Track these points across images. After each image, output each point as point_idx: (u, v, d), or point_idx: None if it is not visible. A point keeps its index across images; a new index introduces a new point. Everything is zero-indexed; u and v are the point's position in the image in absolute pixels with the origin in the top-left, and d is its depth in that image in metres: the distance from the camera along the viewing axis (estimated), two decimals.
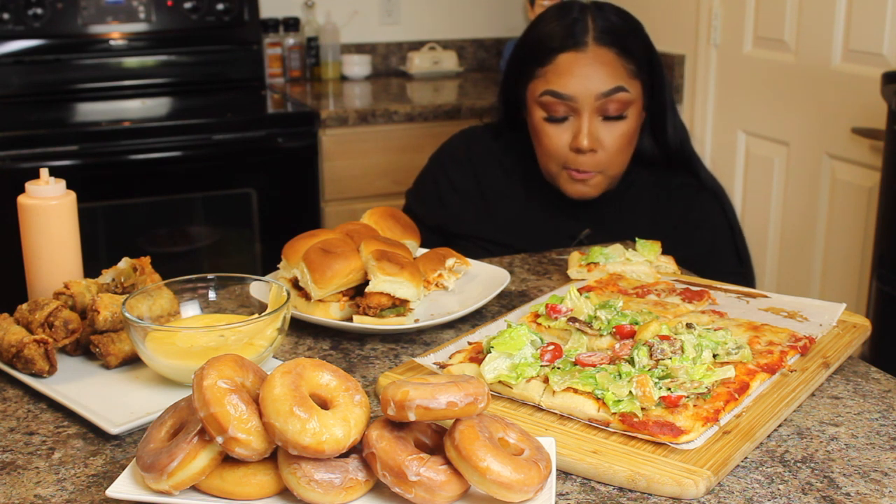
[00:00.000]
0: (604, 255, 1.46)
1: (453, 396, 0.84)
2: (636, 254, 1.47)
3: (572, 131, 1.69)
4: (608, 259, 1.46)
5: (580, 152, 1.68)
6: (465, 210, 1.84)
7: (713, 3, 2.97)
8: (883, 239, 2.14)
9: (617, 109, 1.67)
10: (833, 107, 2.56)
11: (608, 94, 1.66)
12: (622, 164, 1.75)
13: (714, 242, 1.82)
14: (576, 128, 1.68)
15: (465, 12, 3.87)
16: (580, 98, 1.66)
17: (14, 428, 1.05)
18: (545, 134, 1.71)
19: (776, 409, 1.04)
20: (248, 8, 3.38)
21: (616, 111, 1.67)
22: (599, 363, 1.07)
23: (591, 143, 1.67)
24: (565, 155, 1.71)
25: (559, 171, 1.74)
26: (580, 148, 1.67)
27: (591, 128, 1.67)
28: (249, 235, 3.03)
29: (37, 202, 1.28)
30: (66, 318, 1.17)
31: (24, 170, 2.63)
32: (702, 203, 1.82)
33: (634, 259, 1.46)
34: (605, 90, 1.66)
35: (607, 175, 1.73)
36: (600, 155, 1.69)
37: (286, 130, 3.01)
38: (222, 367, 0.87)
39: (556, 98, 1.67)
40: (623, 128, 1.69)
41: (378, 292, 1.26)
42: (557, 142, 1.70)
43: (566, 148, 1.70)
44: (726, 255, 1.84)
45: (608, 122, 1.68)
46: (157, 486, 0.86)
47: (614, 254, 1.47)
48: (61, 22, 3.19)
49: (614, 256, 1.46)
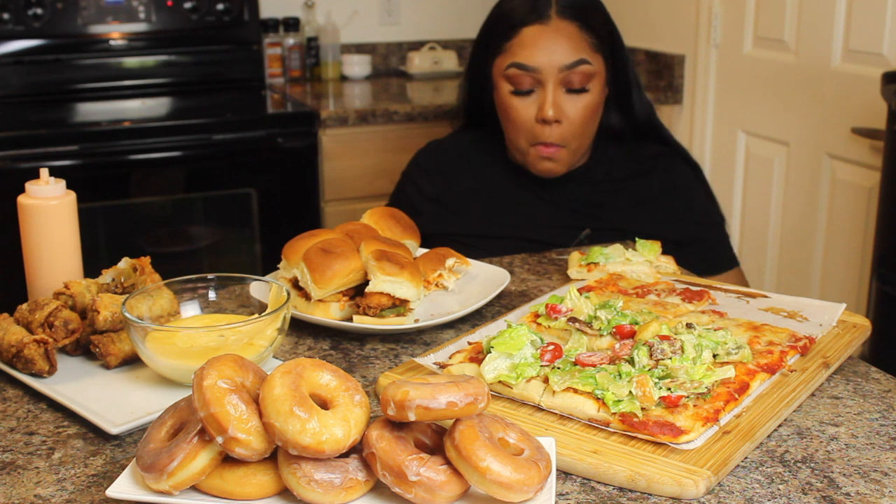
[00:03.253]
0: (604, 255, 1.47)
1: (453, 396, 0.84)
2: (636, 254, 1.48)
3: (538, 103, 1.74)
4: (608, 259, 1.46)
5: (545, 123, 1.73)
6: (443, 216, 1.86)
7: (713, 3, 2.97)
8: (883, 239, 2.14)
9: (580, 81, 1.73)
10: (833, 107, 2.56)
11: (571, 67, 1.72)
12: (585, 136, 1.79)
13: (693, 201, 1.87)
14: (541, 99, 1.74)
15: (465, 12, 3.87)
16: (544, 69, 1.72)
17: (14, 428, 1.05)
18: (512, 107, 1.76)
19: (776, 409, 1.04)
20: (248, 8, 3.38)
21: (579, 83, 1.73)
22: (599, 363, 1.07)
23: (556, 113, 1.72)
24: (531, 128, 1.75)
25: (527, 148, 1.78)
26: (545, 118, 1.72)
27: (556, 98, 1.73)
28: (249, 235, 3.03)
29: (37, 202, 1.28)
30: (66, 318, 1.17)
31: (24, 170, 2.63)
32: (676, 167, 1.88)
33: (634, 259, 1.46)
34: (568, 62, 1.72)
35: (570, 149, 1.77)
36: (564, 126, 1.74)
37: (286, 130, 3.01)
38: (222, 367, 0.87)
39: (522, 70, 1.73)
40: (586, 100, 1.75)
41: (378, 292, 1.26)
42: (524, 114, 1.75)
43: (532, 121, 1.75)
44: (709, 213, 1.89)
45: (572, 94, 1.74)
46: (157, 486, 0.86)
47: (614, 254, 1.47)
48: (61, 22, 3.19)
49: (614, 256, 1.47)
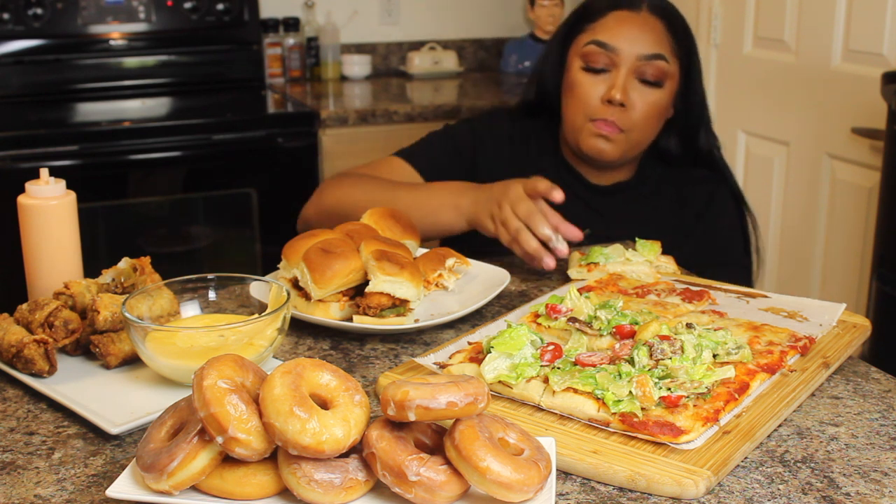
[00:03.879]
0: (604, 255, 1.47)
1: (453, 396, 0.84)
2: (636, 254, 1.48)
3: (607, 85, 1.73)
4: (608, 259, 1.46)
5: (611, 104, 1.72)
6: None
7: (713, 3, 2.97)
8: (883, 239, 2.14)
9: (654, 75, 1.72)
10: (833, 107, 2.56)
11: (650, 58, 1.71)
12: (645, 133, 1.77)
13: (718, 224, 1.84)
14: (612, 80, 1.72)
15: (465, 12, 3.87)
16: (623, 52, 1.71)
17: (14, 428, 1.05)
18: (579, 83, 1.75)
19: (776, 409, 1.04)
20: (248, 8, 3.38)
21: (653, 76, 1.72)
22: (599, 363, 1.07)
23: (623, 96, 1.71)
24: (595, 106, 1.74)
25: (584, 123, 1.76)
26: (612, 99, 1.71)
27: (627, 84, 1.71)
28: (249, 235, 3.03)
29: (37, 202, 1.28)
30: (66, 318, 1.17)
31: (24, 170, 2.63)
32: (723, 194, 1.86)
33: (634, 259, 1.46)
34: (647, 53, 1.71)
35: (629, 138, 1.75)
36: (629, 113, 1.72)
37: (286, 130, 3.01)
38: (222, 367, 0.87)
39: (600, 47, 1.72)
40: (656, 96, 1.74)
41: (378, 292, 1.26)
42: (591, 90, 1.74)
43: (597, 99, 1.73)
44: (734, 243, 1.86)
45: (643, 85, 1.73)
46: (157, 486, 0.86)
47: (614, 254, 1.47)
48: (61, 22, 3.19)
49: (614, 256, 1.47)
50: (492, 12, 3.92)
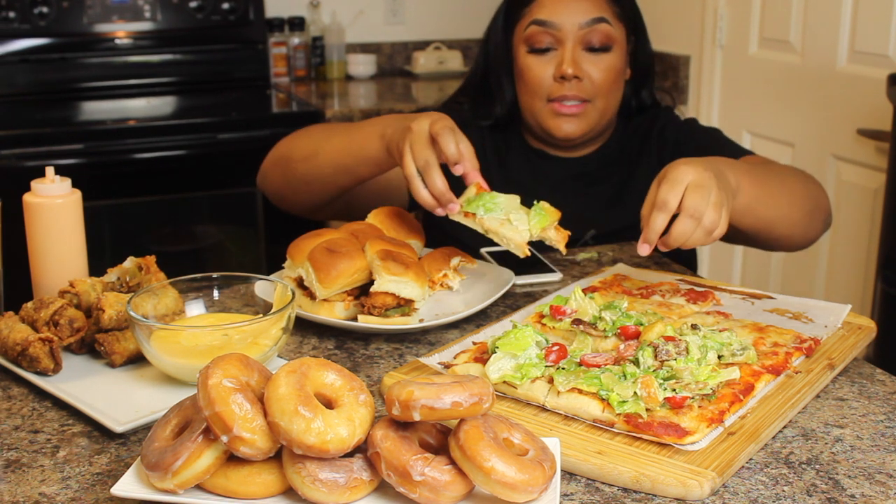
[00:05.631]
0: (484, 207, 1.33)
1: (458, 396, 0.84)
2: (522, 217, 1.33)
3: (556, 62, 1.71)
4: (488, 212, 1.33)
5: (564, 79, 1.70)
6: None
7: (719, 3, 2.97)
8: (888, 240, 2.13)
9: (600, 41, 1.70)
10: (838, 108, 2.56)
11: (591, 24, 1.69)
12: (610, 99, 1.75)
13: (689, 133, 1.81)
14: (559, 57, 1.70)
15: (470, 12, 3.87)
16: (563, 26, 1.69)
17: (19, 426, 1.05)
18: (528, 67, 1.72)
19: (781, 410, 1.04)
20: (254, 7, 3.38)
21: (599, 42, 1.70)
22: (604, 364, 1.07)
23: (575, 69, 1.69)
24: (549, 86, 1.71)
25: (542, 106, 1.73)
26: (564, 74, 1.69)
27: (575, 56, 1.69)
28: (254, 235, 3.04)
29: (42, 201, 1.29)
30: (71, 317, 1.18)
31: (30, 168, 2.64)
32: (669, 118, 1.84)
33: (515, 221, 1.32)
34: (587, 19, 1.69)
35: (595, 107, 1.73)
36: (585, 84, 1.70)
37: (291, 130, 2.96)
38: (227, 366, 0.87)
39: (541, 26, 1.70)
40: (608, 61, 1.71)
41: (383, 292, 1.26)
42: (541, 72, 1.71)
43: (550, 79, 1.71)
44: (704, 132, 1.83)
45: (592, 53, 1.70)
46: (162, 485, 0.86)
47: (499, 208, 1.33)
48: (67, 21, 3.20)
49: (496, 211, 1.33)
50: None
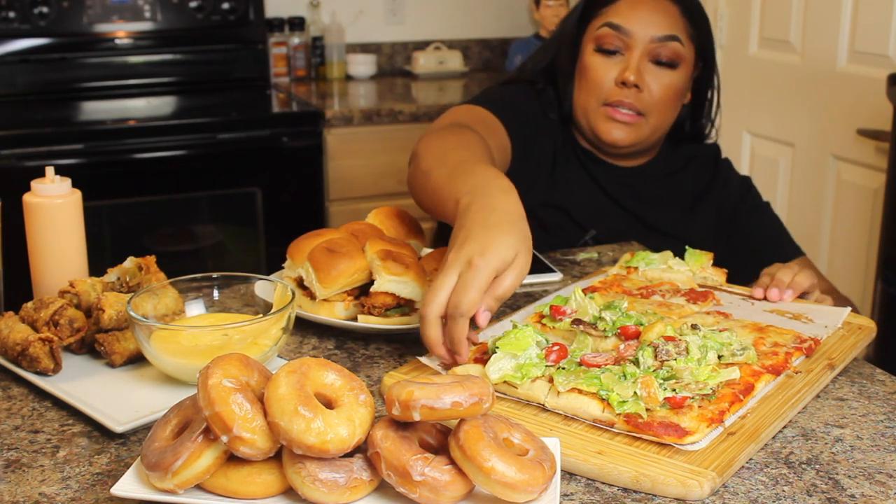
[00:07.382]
0: (644, 261, 1.43)
1: (458, 396, 0.84)
2: (680, 262, 1.43)
3: (620, 67, 1.70)
4: (649, 265, 1.43)
5: (624, 86, 1.69)
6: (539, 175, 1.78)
7: (719, 3, 2.97)
8: (888, 241, 2.13)
9: (668, 56, 1.69)
10: (838, 108, 2.56)
11: (663, 40, 1.69)
12: (664, 117, 1.75)
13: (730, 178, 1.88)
14: (625, 63, 1.70)
15: (471, 12, 3.87)
16: (635, 34, 1.69)
17: (19, 426, 1.05)
18: (592, 66, 1.72)
19: (781, 410, 1.04)
20: (254, 7, 3.38)
21: (668, 58, 1.70)
22: (604, 364, 1.07)
23: (637, 78, 1.68)
24: (608, 89, 1.71)
25: (597, 108, 1.73)
26: (625, 81, 1.68)
27: (640, 65, 1.69)
28: (254, 235, 3.04)
29: (42, 201, 1.29)
30: (71, 317, 1.17)
31: (30, 168, 2.64)
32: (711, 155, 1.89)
33: (676, 267, 1.42)
34: (661, 34, 1.69)
35: (648, 122, 1.73)
36: (644, 95, 1.70)
37: (291, 130, 3.01)
38: (227, 366, 0.87)
39: (613, 30, 1.70)
40: (671, 78, 1.71)
41: (383, 292, 1.26)
42: (603, 73, 1.71)
43: (611, 82, 1.71)
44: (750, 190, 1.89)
45: (658, 67, 1.70)
46: (162, 485, 0.86)
47: (658, 261, 1.43)
48: (67, 20, 3.20)
49: (656, 262, 1.43)
50: (497, 12, 3.92)
